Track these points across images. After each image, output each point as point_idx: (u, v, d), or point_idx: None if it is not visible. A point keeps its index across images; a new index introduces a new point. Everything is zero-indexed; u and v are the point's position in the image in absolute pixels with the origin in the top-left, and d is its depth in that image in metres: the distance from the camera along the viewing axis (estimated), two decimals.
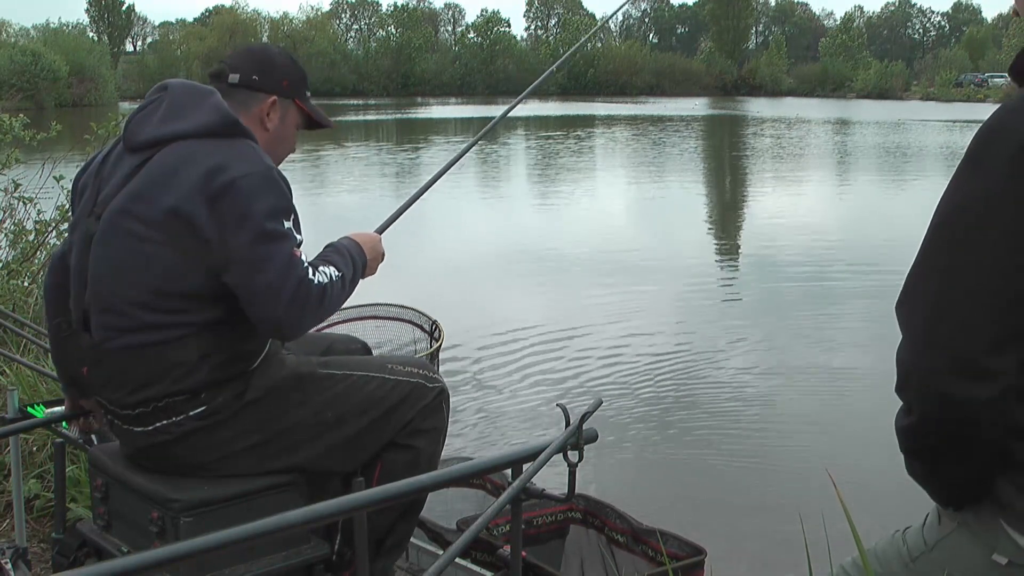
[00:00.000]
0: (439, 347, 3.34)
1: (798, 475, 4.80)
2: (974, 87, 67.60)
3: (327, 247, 2.19)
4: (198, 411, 1.99)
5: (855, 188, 18.53)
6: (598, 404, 1.82)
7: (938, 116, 42.06)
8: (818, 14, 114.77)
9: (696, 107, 50.79)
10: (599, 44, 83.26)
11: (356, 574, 2.06)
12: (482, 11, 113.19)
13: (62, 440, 2.53)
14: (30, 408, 2.58)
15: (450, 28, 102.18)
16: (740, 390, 6.21)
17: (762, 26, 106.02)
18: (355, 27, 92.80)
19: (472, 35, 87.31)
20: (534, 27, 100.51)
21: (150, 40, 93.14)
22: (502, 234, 12.82)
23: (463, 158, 3.00)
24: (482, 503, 3.15)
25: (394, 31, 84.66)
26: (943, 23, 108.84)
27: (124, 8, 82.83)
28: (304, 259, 1.97)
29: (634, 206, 16.08)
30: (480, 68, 79.84)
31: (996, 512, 1.33)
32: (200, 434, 2.00)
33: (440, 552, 2.76)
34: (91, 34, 72.25)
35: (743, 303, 8.83)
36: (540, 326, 7.63)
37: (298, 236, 1.97)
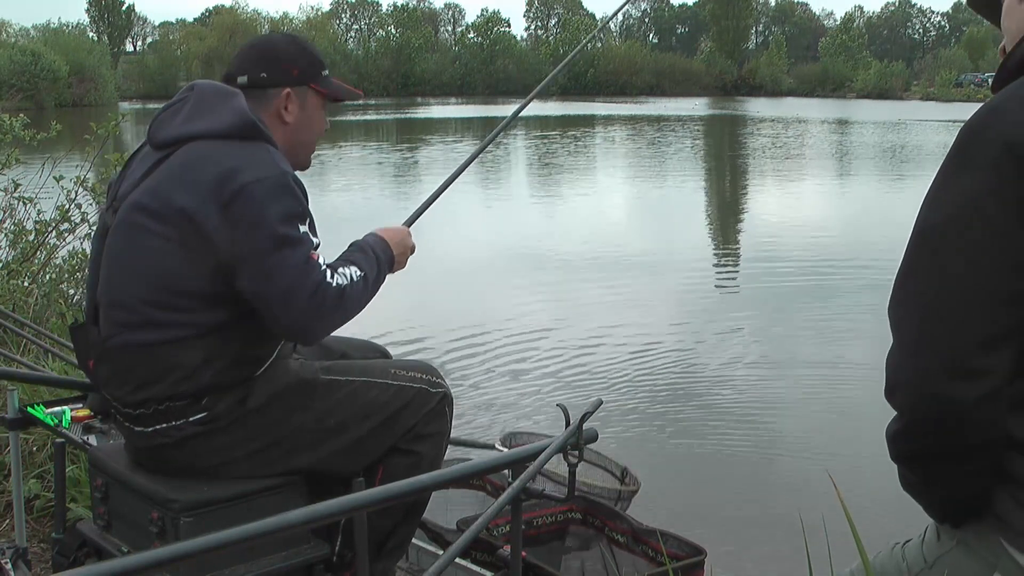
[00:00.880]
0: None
1: (799, 475, 4.80)
2: (974, 87, 67.48)
3: (351, 245, 2.18)
4: (198, 416, 1.98)
5: (855, 187, 18.51)
6: (598, 404, 1.82)
7: (938, 116, 42.03)
8: (818, 14, 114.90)
9: (696, 107, 50.72)
10: (599, 44, 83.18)
11: (356, 575, 2.06)
12: (482, 11, 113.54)
13: (62, 440, 2.52)
14: (30, 408, 2.58)
15: (450, 28, 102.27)
16: (741, 390, 6.21)
17: (762, 26, 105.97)
18: (355, 27, 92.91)
19: (472, 35, 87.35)
20: (534, 27, 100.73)
21: (150, 40, 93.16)
22: (501, 232, 12.81)
23: (477, 155, 3.05)
24: (482, 503, 3.15)
25: (394, 31, 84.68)
26: (943, 23, 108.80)
27: (124, 8, 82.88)
28: (322, 262, 1.96)
29: (633, 205, 16.06)
30: (480, 68, 79.77)
31: (996, 529, 1.31)
32: (199, 439, 2.00)
33: (440, 552, 2.76)
34: (91, 34, 72.22)
35: (743, 303, 8.81)
36: (540, 325, 7.63)
37: (314, 239, 1.97)
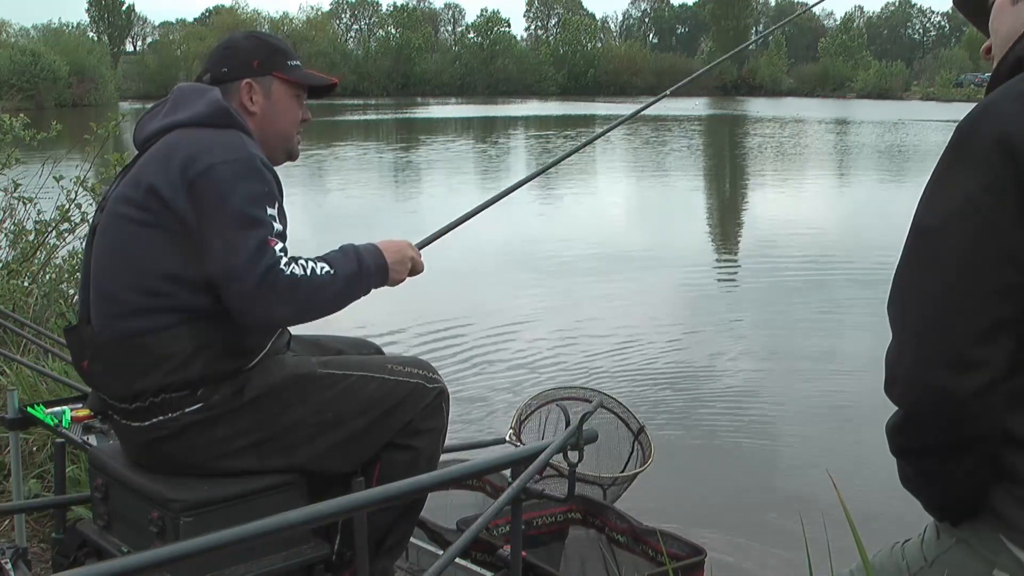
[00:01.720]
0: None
1: (799, 474, 4.80)
2: (974, 87, 67.38)
3: (338, 247, 2.18)
4: (195, 407, 2.00)
5: (854, 186, 18.51)
6: (598, 405, 1.82)
7: (938, 116, 42.00)
8: (818, 14, 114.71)
9: (696, 107, 50.68)
10: (599, 44, 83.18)
11: (356, 574, 2.06)
12: (482, 11, 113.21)
13: (62, 440, 2.53)
14: (30, 408, 2.58)
15: (450, 28, 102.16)
16: (741, 389, 6.20)
17: (762, 26, 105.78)
18: (355, 27, 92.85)
19: (472, 35, 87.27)
20: (534, 27, 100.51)
21: (150, 40, 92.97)
22: (501, 231, 12.80)
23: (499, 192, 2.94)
24: (482, 504, 3.15)
25: (394, 31, 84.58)
26: (943, 23, 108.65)
27: (124, 8, 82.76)
28: (278, 248, 1.94)
29: (632, 203, 16.06)
30: (480, 68, 79.71)
31: (996, 527, 1.31)
32: (197, 431, 2.01)
33: (440, 552, 2.76)
34: (91, 34, 72.24)
35: (743, 302, 8.80)
36: (538, 323, 7.63)
37: (277, 225, 1.96)
